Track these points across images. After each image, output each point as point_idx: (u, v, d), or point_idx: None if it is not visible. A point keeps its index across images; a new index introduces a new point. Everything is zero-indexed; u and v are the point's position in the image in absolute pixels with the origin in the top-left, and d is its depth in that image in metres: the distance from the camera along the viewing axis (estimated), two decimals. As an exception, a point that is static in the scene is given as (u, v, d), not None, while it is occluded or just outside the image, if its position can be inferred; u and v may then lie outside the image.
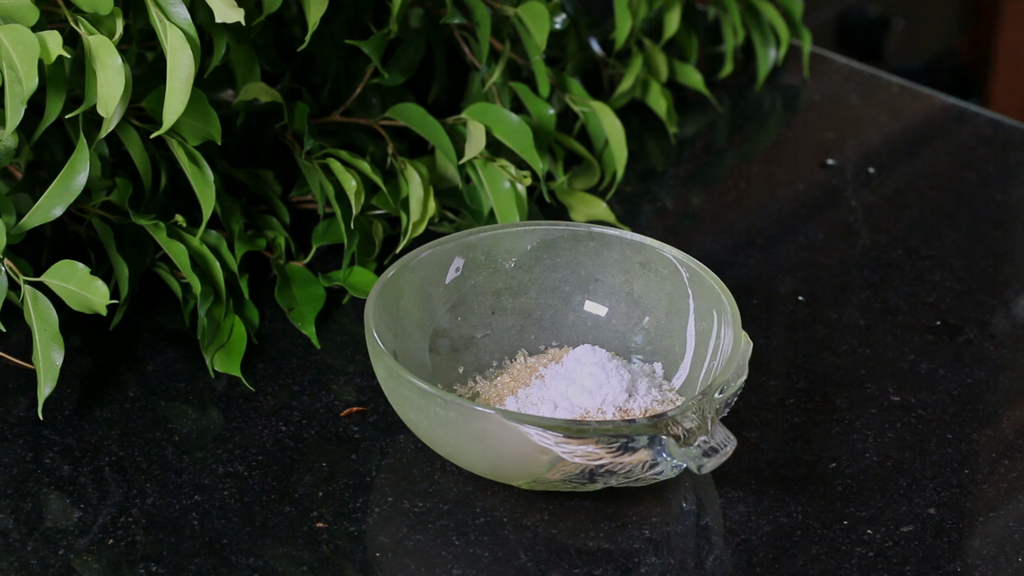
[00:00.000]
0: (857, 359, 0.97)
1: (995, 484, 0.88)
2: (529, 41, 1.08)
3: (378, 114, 1.08)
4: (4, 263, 0.88)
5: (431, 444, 0.85)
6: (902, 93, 1.27)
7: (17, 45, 0.85)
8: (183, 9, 0.88)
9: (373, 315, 0.87)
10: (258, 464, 0.88)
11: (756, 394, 0.93)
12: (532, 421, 0.80)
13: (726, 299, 0.88)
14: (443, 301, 0.93)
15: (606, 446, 0.80)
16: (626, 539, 0.84)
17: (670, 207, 1.13)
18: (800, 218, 1.12)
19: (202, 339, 0.94)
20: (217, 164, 0.99)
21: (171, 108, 0.88)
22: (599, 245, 0.94)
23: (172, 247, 0.94)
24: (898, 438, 0.91)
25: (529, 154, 1.03)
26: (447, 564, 0.82)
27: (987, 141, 1.21)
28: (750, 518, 0.85)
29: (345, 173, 0.99)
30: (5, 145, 0.89)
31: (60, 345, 0.87)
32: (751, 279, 1.04)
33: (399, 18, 1.01)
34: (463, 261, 0.93)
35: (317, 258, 1.03)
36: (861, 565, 0.83)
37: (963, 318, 1.01)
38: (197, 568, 0.82)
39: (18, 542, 0.83)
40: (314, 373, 0.95)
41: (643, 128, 1.20)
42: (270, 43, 1.10)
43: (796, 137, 1.23)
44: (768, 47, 1.26)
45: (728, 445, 0.80)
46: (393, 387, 0.84)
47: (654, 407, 0.87)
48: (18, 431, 0.90)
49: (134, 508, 0.85)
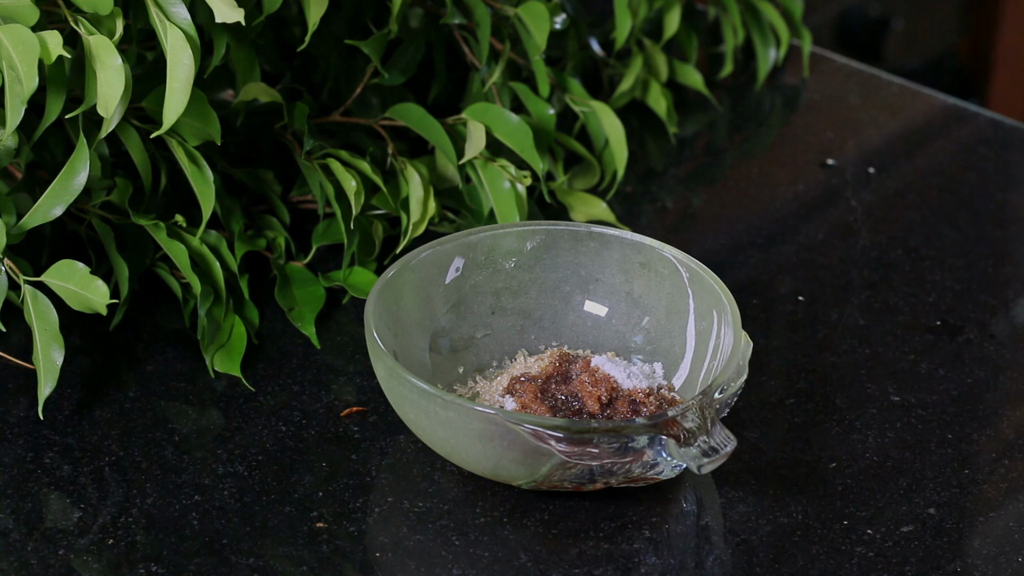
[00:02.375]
0: (857, 359, 0.97)
1: (995, 484, 0.88)
2: (529, 41, 1.08)
3: (378, 114, 1.08)
4: (4, 263, 0.88)
5: (431, 444, 0.85)
6: (902, 93, 1.27)
7: (17, 45, 0.85)
8: (183, 9, 0.88)
9: (373, 315, 0.87)
10: (258, 464, 0.88)
11: (756, 394, 0.93)
12: (532, 421, 0.80)
13: (726, 299, 0.88)
14: (443, 301, 0.93)
15: (606, 446, 0.80)
16: (626, 539, 0.84)
17: (670, 207, 1.13)
18: (800, 218, 1.12)
19: (202, 339, 0.94)
20: (217, 164, 0.99)
21: (171, 108, 0.88)
22: (599, 245, 0.94)
23: (172, 247, 0.94)
24: (898, 438, 0.91)
25: (529, 154, 1.03)
26: (447, 564, 0.82)
27: (987, 141, 1.21)
28: (750, 518, 0.85)
29: (345, 173, 0.99)
30: (5, 145, 0.89)
31: (60, 345, 0.87)
32: (751, 279, 1.04)
33: (399, 18, 1.01)
34: (463, 261, 0.93)
35: (317, 258, 1.03)
36: (861, 565, 0.83)
37: (963, 318, 1.01)
38: (197, 568, 0.82)
39: (18, 542, 0.83)
40: (314, 373, 0.95)
41: (643, 128, 1.20)
42: (270, 43, 1.10)
43: (796, 137, 1.23)
44: (768, 47, 1.26)
45: (728, 445, 0.80)
46: (393, 387, 0.84)
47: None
48: (18, 431, 0.90)
49: (134, 508, 0.85)
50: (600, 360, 0.89)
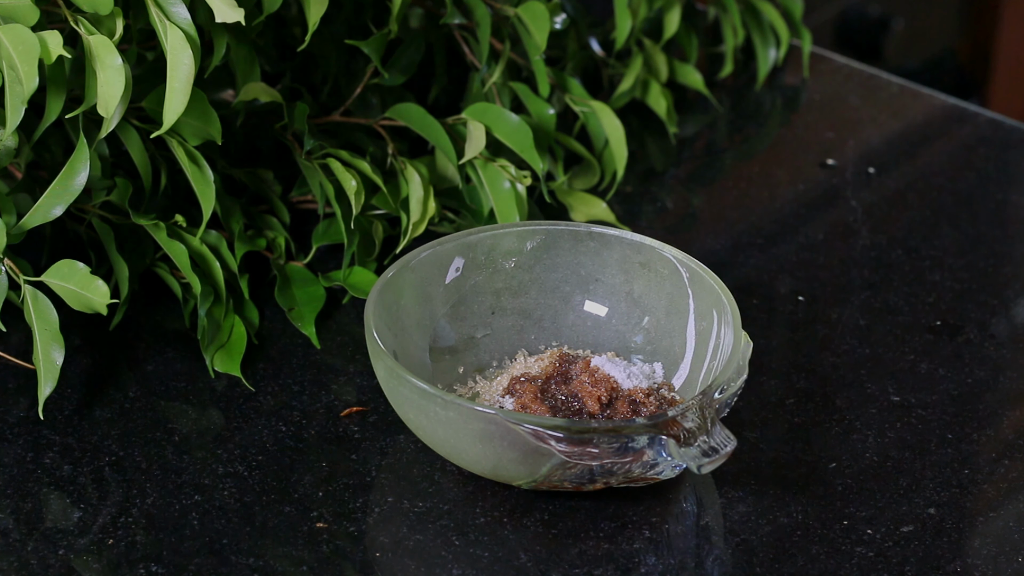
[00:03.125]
0: (857, 359, 0.97)
1: (995, 484, 0.88)
2: (529, 41, 1.08)
3: (378, 114, 1.08)
4: (4, 263, 0.88)
5: (431, 444, 0.85)
6: (902, 93, 1.27)
7: (17, 45, 0.85)
8: (183, 9, 0.88)
9: (373, 315, 0.87)
10: (258, 464, 0.88)
11: (756, 394, 0.93)
12: (532, 421, 0.80)
13: (726, 299, 0.88)
14: (443, 301, 0.93)
15: (606, 446, 0.80)
16: (626, 539, 0.84)
17: (670, 207, 1.13)
18: (800, 218, 1.12)
19: (202, 339, 0.94)
20: (217, 164, 0.99)
21: (171, 108, 0.88)
22: (599, 245, 0.94)
23: (172, 247, 0.94)
24: (898, 438, 0.91)
25: (529, 154, 1.03)
26: (447, 564, 0.82)
27: (987, 141, 1.21)
28: (750, 518, 0.85)
29: (345, 173, 0.99)
30: (5, 145, 0.89)
31: (60, 345, 0.87)
32: (751, 279, 1.04)
33: (399, 18, 1.01)
34: (463, 261, 0.93)
35: (317, 258, 1.03)
36: (861, 565, 0.83)
37: (963, 318, 1.01)
38: (197, 568, 0.82)
39: (18, 542, 0.83)
40: (314, 373, 0.95)
41: (643, 128, 1.20)
42: (270, 43, 1.10)
43: (796, 137, 1.23)
44: (768, 47, 1.26)
45: (728, 445, 0.80)
46: (393, 387, 0.84)
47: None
48: (18, 431, 0.90)
49: (134, 508, 0.85)
50: (600, 360, 0.89)
